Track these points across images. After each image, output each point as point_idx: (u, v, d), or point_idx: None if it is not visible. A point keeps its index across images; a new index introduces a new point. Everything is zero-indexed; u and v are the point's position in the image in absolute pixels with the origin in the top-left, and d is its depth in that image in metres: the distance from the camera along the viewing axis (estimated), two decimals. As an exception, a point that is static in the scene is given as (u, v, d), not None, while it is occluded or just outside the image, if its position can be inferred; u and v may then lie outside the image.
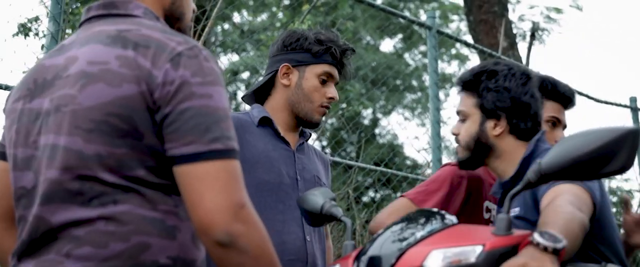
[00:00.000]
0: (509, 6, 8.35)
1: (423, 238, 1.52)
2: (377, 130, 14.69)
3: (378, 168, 5.09)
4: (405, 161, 13.92)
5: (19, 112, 1.46)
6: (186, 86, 1.31)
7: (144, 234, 1.32)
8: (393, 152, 10.75)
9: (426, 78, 16.07)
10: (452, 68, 16.61)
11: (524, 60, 8.14)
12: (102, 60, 1.35)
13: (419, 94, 15.48)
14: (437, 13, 4.98)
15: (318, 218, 1.91)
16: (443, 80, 16.82)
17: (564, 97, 2.50)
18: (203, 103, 1.31)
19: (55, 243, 1.33)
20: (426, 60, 16.75)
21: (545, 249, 1.40)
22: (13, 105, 1.49)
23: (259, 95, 2.37)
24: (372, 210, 5.38)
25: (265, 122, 2.28)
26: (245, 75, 14.17)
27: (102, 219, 1.31)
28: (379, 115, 15.47)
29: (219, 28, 11.99)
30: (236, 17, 13.42)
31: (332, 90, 2.30)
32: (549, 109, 2.50)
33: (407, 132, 16.90)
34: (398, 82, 15.21)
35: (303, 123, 2.33)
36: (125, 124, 1.32)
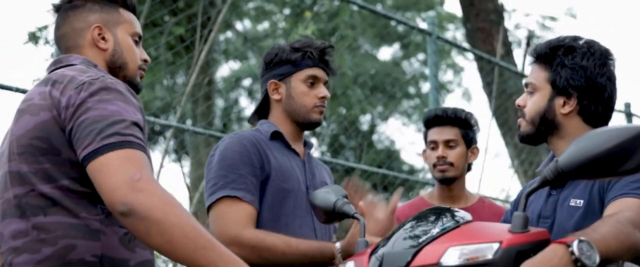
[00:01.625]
0: (505, 15, 8.33)
1: (439, 235, 1.49)
2: (375, 136, 14.67)
3: (380, 170, 5.06)
4: (402, 166, 13.90)
5: (5, 138, 1.71)
6: (84, 104, 1.53)
7: (69, 237, 1.53)
8: (390, 159, 10.73)
9: (422, 85, 16.08)
10: (447, 77, 16.60)
11: (519, 67, 8.08)
12: (29, 97, 1.63)
13: (417, 100, 15.44)
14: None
15: (330, 215, 1.87)
16: (439, 87, 16.82)
17: None
18: (97, 113, 1.52)
19: (2, 255, 1.57)
20: (423, 69, 16.78)
21: (576, 260, 1.38)
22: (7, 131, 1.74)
23: (260, 115, 2.42)
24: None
25: (276, 136, 2.31)
26: (247, 82, 14.16)
27: (34, 229, 1.54)
28: (378, 121, 15.44)
29: (221, 37, 11.96)
30: (238, 25, 13.39)
31: (322, 90, 2.32)
32: None
33: (404, 138, 16.84)
34: (396, 89, 15.18)
35: (305, 126, 2.36)
36: (44, 144, 1.56)
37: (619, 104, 6.42)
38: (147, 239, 1.46)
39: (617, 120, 7.25)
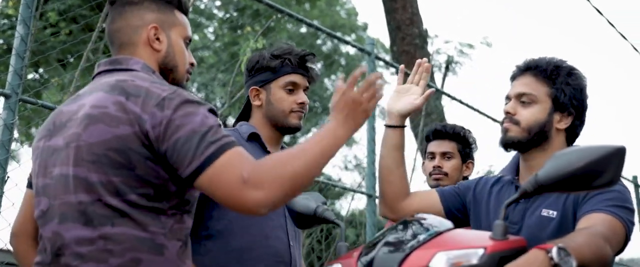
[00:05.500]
0: (428, 40, 8.50)
1: (426, 241, 1.48)
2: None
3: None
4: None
5: (40, 149, 1.64)
6: (172, 122, 1.48)
7: (136, 251, 1.48)
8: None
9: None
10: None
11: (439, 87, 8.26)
12: (102, 104, 1.53)
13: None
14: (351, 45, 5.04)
15: (309, 220, 1.86)
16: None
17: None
18: (188, 129, 1.48)
19: (63, 258, 1.50)
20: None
21: (555, 265, 1.41)
22: (37, 144, 1.67)
23: (242, 120, 2.38)
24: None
25: (254, 138, 2.26)
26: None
27: (101, 238, 1.48)
28: (297, 134, 15.46)
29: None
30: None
31: (300, 96, 2.29)
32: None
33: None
34: (317, 104, 15.26)
35: (284, 131, 2.31)
36: (120, 158, 1.49)
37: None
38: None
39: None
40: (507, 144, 1.98)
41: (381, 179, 2.08)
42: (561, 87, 1.96)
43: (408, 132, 2.33)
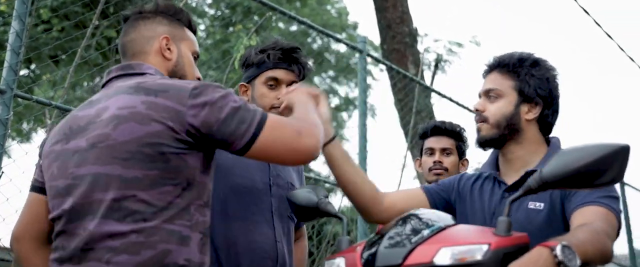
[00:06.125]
0: (418, 38, 8.49)
1: (429, 236, 1.46)
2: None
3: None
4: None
5: (57, 152, 1.67)
6: (214, 106, 1.59)
7: (166, 243, 1.54)
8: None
9: (332, 99, 16.21)
10: (354, 93, 16.81)
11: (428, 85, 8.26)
12: (130, 105, 1.58)
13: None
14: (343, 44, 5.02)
15: (311, 213, 1.84)
16: (347, 103, 17.00)
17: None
18: (229, 108, 1.60)
19: (93, 252, 1.53)
20: (332, 84, 16.87)
21: (559, 263, 1.40)
22: (51, 148, 1.70)
23: None
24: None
25: None
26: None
27: (133, 232, 1.52)
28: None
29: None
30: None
31: (281, 92, 2.16)
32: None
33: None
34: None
35: None
36: (154, 152, 1.55)
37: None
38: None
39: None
40: (481, 143, 2.00)
41: (350, 196, 1.99)
42: (525, 79, 1.97)
43: (398, 131, 2.31)
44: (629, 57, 7.68)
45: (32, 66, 9.51)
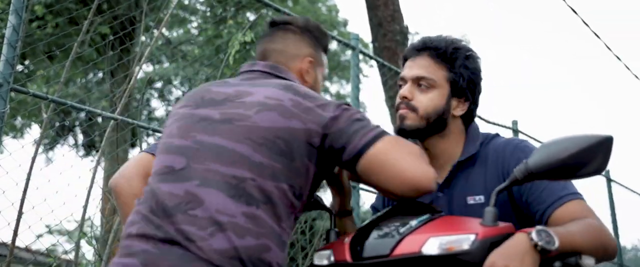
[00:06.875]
0: (409, 36, 8.52)
1: (418, 226, 1.49)
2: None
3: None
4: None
5: (181, 114, 1.69)
6: (340, 118, 1.60)
7: (268, 238, 1.50)
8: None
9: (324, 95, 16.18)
10: (344, 89, 16.85)
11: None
12: (278, 97, 1.61)
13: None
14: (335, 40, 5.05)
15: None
16: (339, 99, 17.01)
17: None
18: (350, 120, 1.60)
19: (197, 219, 1.47)
20: (325, 82, 16.91)
21: (535, 245, 1.43)
22: (178, 110, 1.72)
23: None
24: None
25: None
26: (159, 84, 13.85)
27: (244, 215, 1.48)
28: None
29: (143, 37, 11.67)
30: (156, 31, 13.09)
31: None
32: None
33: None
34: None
35: None
36: (285, 147, 1.55)
37: (507, 121, 6.73)
38: None
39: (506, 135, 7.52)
40: (405, 133, 1.83)
41: None
42: (459, 72, 1.83)
43: (389, 127, 2.29)
44: (615, 56, 7.73)
45: (26, 62, 9.48)
